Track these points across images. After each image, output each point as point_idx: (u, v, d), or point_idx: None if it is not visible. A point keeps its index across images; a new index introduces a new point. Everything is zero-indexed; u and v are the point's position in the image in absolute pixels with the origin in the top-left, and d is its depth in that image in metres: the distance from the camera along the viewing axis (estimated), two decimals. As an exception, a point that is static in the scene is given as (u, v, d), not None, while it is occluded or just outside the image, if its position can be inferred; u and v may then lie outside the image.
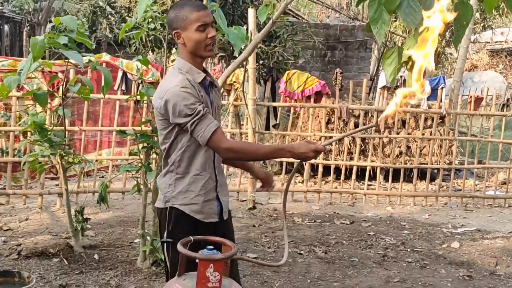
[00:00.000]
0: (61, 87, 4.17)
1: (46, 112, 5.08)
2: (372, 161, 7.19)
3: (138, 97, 4.09)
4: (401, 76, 10.74)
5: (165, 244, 2.32)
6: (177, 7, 2.27)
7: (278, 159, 7.09)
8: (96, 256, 4.21)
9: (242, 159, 2.31)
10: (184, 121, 2.18)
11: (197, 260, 1.90)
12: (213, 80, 2.42)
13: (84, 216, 4.47)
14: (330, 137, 6.30)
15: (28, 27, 15.78)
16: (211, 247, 1.96)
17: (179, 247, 1.98)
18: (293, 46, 9.84)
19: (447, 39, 13.81)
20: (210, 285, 1.89)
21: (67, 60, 3.86)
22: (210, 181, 2.33)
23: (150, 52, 10.35)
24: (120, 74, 7.38)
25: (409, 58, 2.90)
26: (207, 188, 2.32)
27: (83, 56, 3.64)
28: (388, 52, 3.05)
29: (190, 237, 2.10)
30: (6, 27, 16.34)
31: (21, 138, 5.66)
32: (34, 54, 3.21)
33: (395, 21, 12.56)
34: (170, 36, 2.31)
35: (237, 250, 2.00)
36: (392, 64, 3.00)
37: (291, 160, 6.96)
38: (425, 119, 7.85)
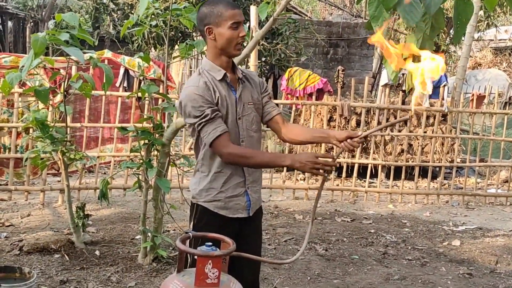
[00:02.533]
0: (63, 83, 4.18)
1: (48, 108, 5.10)
2: (373, 158, 7.19)
3: (140, 94, 4.09)
4: (403, 74, 10.73)
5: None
6: (212, 3, 2.30)
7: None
8: (97, 252, 4.22)
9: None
10: (193, 122, 2.27)
11: (195, 257, 1.92)
12: (245, 75, 2.41)
13: (86, 212, 4.49)
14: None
15: (32, 24, 15.83)
16: (210, 243, 1.97)
17: (178, 243, 1.99)
18: (295, 44, 9.85)
19: (451, 36, 13.78)
20: (208, 282, 1.90)
21: (68, 57, 3.87)
22: (236, 178, 2.36)
23: (152, 49, 10.38)
24: (122, 71, 7.37)
25: (410, 55, 2.91)
26: (231, 184, 2.35)
27: (84, 53, 3.65)
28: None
29: (189, 233, 2.13)
30: (9, 24, 16.39)
31: (23, 134, 5.67)
32: (35, 51, 3.22)
33: (399, 18, 12.53)
34: (200, 30, 2.35)
35: (235, 247, 2.00)
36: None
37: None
38: (427, 117, 7.84)
